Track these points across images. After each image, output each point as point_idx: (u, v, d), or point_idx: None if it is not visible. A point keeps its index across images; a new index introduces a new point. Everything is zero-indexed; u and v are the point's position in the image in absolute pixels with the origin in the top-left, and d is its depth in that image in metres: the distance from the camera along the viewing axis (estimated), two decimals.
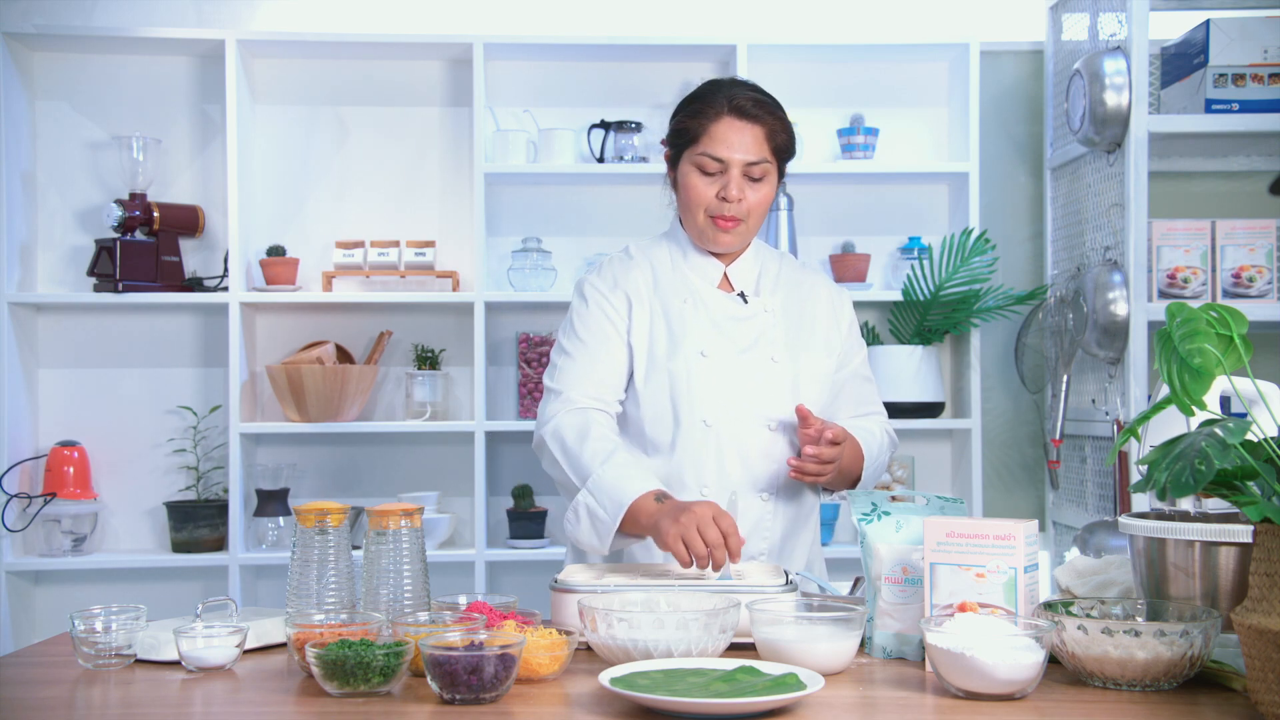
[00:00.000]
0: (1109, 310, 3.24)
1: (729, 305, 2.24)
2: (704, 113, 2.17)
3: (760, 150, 2.15)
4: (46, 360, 3.74)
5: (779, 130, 2.18)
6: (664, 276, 2.26)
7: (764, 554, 2.19)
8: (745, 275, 2.27)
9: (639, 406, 2.19)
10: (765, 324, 2.23)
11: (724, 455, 2.16)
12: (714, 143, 2.15)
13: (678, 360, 2.18)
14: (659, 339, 2.20)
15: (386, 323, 3.79)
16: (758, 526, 2.18)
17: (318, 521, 1.80)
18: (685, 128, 2.19)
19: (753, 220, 2.20)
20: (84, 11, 3.75)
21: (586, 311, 2.24)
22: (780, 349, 2.22)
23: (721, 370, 2.18)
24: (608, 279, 2.26)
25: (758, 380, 2.19)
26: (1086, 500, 3.51)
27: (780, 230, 3.71)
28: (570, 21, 3.82)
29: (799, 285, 2.30)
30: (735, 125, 2.15)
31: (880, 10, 3.87)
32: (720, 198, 2.16)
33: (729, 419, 2.17)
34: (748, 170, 2.16)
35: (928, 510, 1.80)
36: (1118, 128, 3.23)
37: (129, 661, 1.74)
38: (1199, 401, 1.46)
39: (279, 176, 3.80)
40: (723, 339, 2.20)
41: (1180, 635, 1.50)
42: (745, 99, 2.16)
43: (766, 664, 1.55)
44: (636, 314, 2.22)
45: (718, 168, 2.16)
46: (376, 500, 3.56)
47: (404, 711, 1.49)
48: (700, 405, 2.16)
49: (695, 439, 2.16)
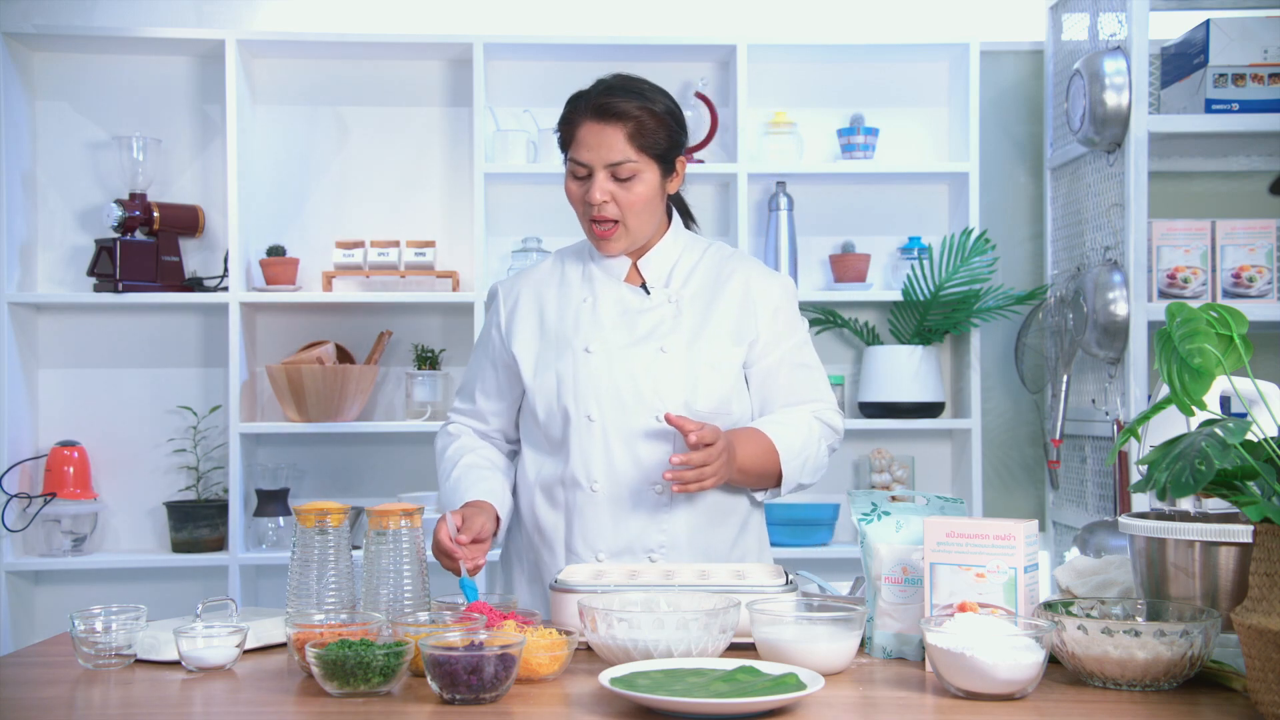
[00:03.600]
0: (1109, 310, 3.24)
1: (629, 298, 2.24)
2: (570, 118, 2.19)
3: (623, 150, 2.14)
4: (46, 360, 3.74)
5: (650, 126, 2.15)
6: (572, 279, 2.29)
7: (664, 547, 2.16)
8: (656, 267, 2.25)
9: (534, 406, 2.22)
10: (664, 315, 2.21)
11: (611, 450, 2.16)
12: (578, 147, 2.16)
13: (564, 358, 2.20)
14: (549, 340, 2.23)
15: (386, 323, 3.79)
16: (653, 520, 2.16)
17: (318, 521, 1.81)
18: (560, 134, 2.22)
19: (631, 220, 2.18)
20: (84, 11, 3.75)
21: (484, 326, 2.37)
22: (675, 339, 2.19)
23: (606, 365, 2.17)
24: (506, 288, 2.34)
25: (644, 372, 2.17)
26: (1086, 500, 3.51)
27: (780, 230, 3.71)
28: (570, 21, 3.82)
29: (716, 274, 2.26)
30: (594, 128, 2.14)
31: (880, 10, 3.87)
32: (586, 201, 2.17)
33: (614, 413, 2.16)
34: (613, 171, 2.15)
35: (928, 510, 1.80)
36: (1118, 128, 3.23)
37: (129, 661, 1.74)
38: (1199, 401, 1.46)
39: (279, 176, 3.80)
40: (615, 333, 2.20)
41: (1180, 635, 1.50)
42: (607, 99, 2.15)
43: (766, 664, 1.55)
44: (524, 320, 2.27)
45: (584, 171, 2.17)
46: (376, 500, 3.56)
47: (404, 711, 1.49)
48: (584, 400, 2.17)
49: (582, 434, 2.17)
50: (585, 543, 2.18)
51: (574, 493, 2.18)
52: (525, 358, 2.24)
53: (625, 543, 2.17)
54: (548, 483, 2.21)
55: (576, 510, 2.18)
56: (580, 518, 2.17)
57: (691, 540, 2.19)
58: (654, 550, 2.17)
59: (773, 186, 3.76)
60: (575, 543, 2.18)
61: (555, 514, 2.20)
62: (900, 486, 3.76)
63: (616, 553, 2.17)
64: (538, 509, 2.22)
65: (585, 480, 2.17)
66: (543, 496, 2.22)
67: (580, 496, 2.17)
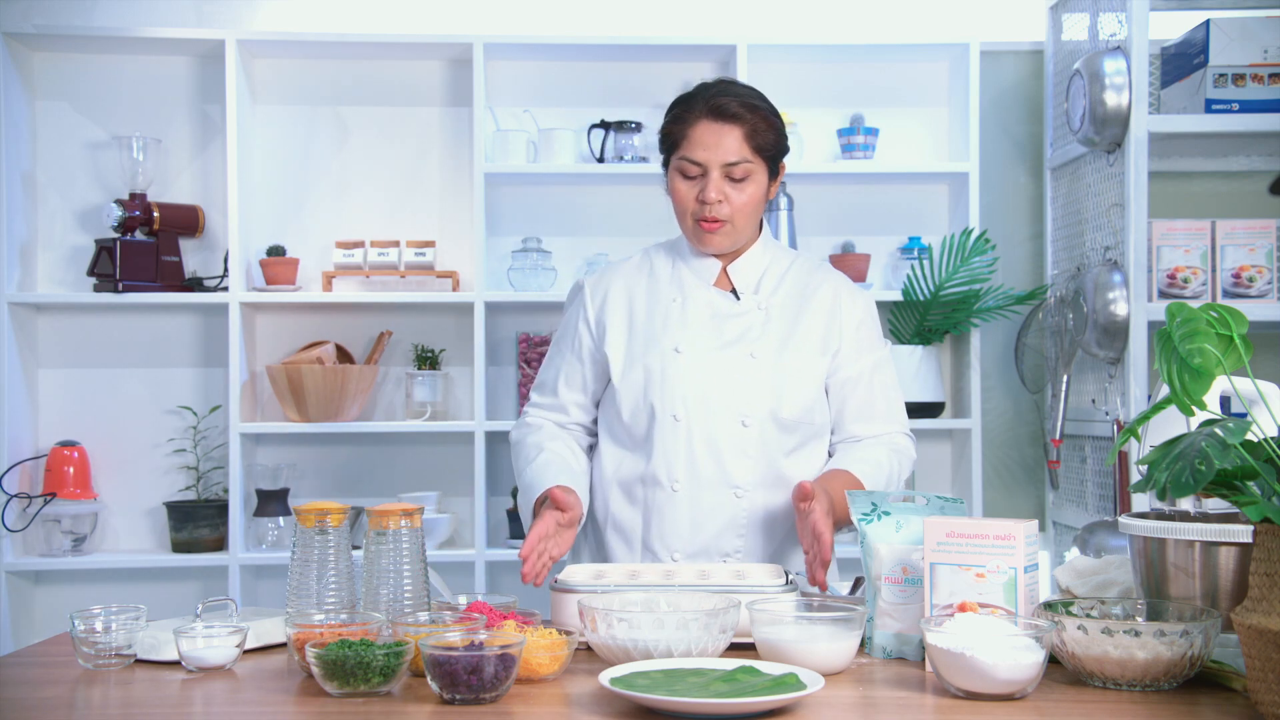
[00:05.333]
0: (1109, 310, 3.24)
1: (720, 302, 2.24)
2: (683, 117, 2.18)
3: (740, 150, 2.15)
4: (46, 360, 3.74)
5: (762, 128, 2.17)
6: (661, 277, 2.28)
7: (739, 551, 2.18)
8: (746, 273, 2.26)
9: (619, 402, 2.21)
10: (753, 321, 2.22)
11: (694, 450, 2.16)
12: (692, 146, 2.16)
13: (652, 355, 2.20)
14: (638, 337, 2.23)
15: (386, 323, 3.79)
16: (731, 523, 2.17)
17: (318, 521, 1.81)
18: (669, 133, 2.21)
19: (739, 221, 2.19)
20: (84, 11, 3.75)
21: (566, 319, 2.34)
22: (764, 346, 2.20)
23: (695, 365, 2.18)
24: (594, 283, 2.32)
25: (733, 376, 2.18)
26: (1086, 500, 3.51)
27: (780, 230, 3.71)
28: (570, 21, 3.82)
29: (805, 284, 2.28)
30: (712, 128, 2.15)
31: (880, 10, 3.87)
32: (700, 200, 2.16)
33: (700, 414, 2.16)
34: (728, 171, 2.15)
35: (928, 510, 1.80)
36: (1118, 128, 3.23)
37: (129, 661, 1.74)
38: (1199, 401, 1.46)
39: (279, 176, 3.80)
40: (704, 335, 2.20)
41: (1180, 635, 1.50)
42: (723, 100, 2.16)
43: (766, 664, 1.55)
44: (614, 315, 2.26)
45: (698, 171, 2.16)
46: (376, 500, 3.55)
47: (404, 711, 1.49)
48: (671, 400, 2.17)
49: (666, 433, 2.17)
50: (663, 542, 2.18)
51: (654, 491, 2.18)
52: (615, 353, 2.23)
53: (701, 544, 2.17)
54: (627, 480, 2.21)
55: (655, 509, 2.18)
56: (659, 517, 2.17)
57: (768, 545, 2.20)
58: (729, 555, 2.18)
59: None
60: (653, 542, 2.18)
61: (633, 511, 2.20)
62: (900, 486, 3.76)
63: (692, 554, 2.17)
64: (615, 505, 2.22)
65: (666, 480, 2.17)
66: (621, 493, 2.22)
67: (660, 495, 2.17)
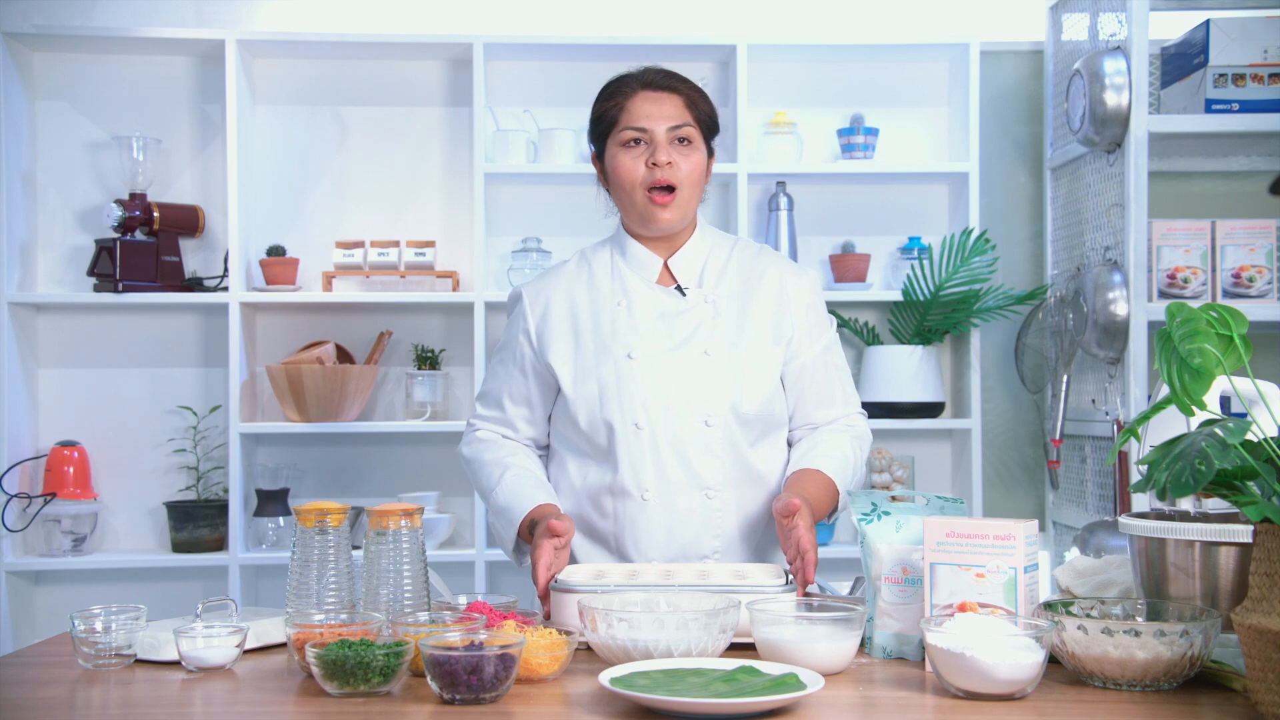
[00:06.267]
0: (1109, 310, 3.24)
1: (665, 300, 2.19)
2: (620, 92, 2.17)
3: (682, 115, 2.14)
4: (46, 360, 3.74)
5: (699, 99, 2.17)
6: (601, 279, 2.23)
7: (718, 552, 2.14)
8: (688, 266, 2.21)
9: (574, 413, 2.16)
10: (703, 316, 2.17)
11: (661, 456, 2.12)
12: (634, 116, 2.14)
13: (605, 365, 2.15)
14: (586, 346, 2.17)
15: (386, 323, 3.79)
16: (706, 525, 2.14)
17: (318, 521, 1.81)
18: (603, 113, 2.18)
19: (687, 190, 2.15)
20: (84, 11, 3.75)
21: (507, 330, 2.29)
22: (716, 341, 2.15)
23: (650, 370, 2.13)
24: (532, 292, 2.25)
25: (690, 376, 2.14)
26: (1086, 500, 3.51)
27: (780, 230, 3.71)
28: (570, 21, 3.82)
29: (749, 271, 2.22)
30: (652, 96, 2.15)
31: (880, 10, 3.87)
32: (651, 164, 2.12)
33: (662, 419, 2.12)
34: (673, 135, 2.13)
35: (928, 510, 1.80)
36: (1118, 128, 3.23)
37: (129, 661, 1.74)
38: (1199, 401, 1.46)
39: (279, 176, 3.80)
40: (655, 338, 2.16)
41: (1180, 635, 1.50)
42: (657, 74, 2.18)
43: (766, 664, 1.55)
44: (557, 326, 2.20)
45: (643, 137, 2.14)
46: (376, 500, 3.55)
47: (404, 711, 1.49)
48: (630, 408, 2.12)
49: (630, 442, 2.12)
50: (639, 552, 2.14)
51: (624, 502, 2.13)
52: (562, 366, 2.18)
53: (679, 549, 2.14)
54: (595, 491, 2.16)
55: (628, 520, 2.13)
56: (632, 526, 2.13)
57: (745, 542, 2.17)
58: (709, 555, 2.15)
59: (773, 186, 3.76)
60: (629, 551, 2.15)
61: (605, 522, 2.16)
62: (900, 486, 3.76)
63: (672, 559, 2.13)
64: (587, 517, 2.18)
65: (636, 490, 2.13)
66: (590, 504, 2.17)
67: (632, 506, 2.13)
